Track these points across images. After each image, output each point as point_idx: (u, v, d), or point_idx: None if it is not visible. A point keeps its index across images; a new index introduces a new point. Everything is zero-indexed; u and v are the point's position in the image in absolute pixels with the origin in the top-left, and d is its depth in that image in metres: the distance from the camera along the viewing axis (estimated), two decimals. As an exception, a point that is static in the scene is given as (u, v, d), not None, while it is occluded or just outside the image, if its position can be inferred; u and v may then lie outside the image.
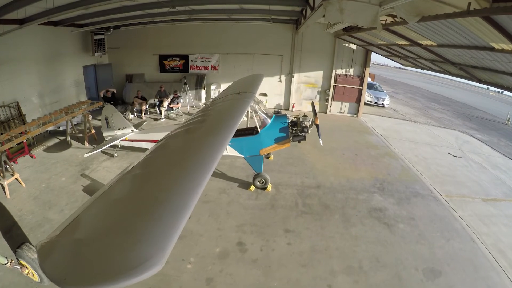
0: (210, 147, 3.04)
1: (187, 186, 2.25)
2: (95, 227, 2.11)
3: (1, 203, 5.86)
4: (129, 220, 2.01)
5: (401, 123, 13.45)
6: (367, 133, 11.05)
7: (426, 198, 6.64)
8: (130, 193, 2.46)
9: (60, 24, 9.10)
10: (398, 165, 8.33)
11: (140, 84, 13.44)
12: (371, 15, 4.26)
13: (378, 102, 16.14)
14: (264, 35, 12.08)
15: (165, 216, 1.94)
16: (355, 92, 12.33)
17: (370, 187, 6.91)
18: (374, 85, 17.63)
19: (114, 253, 1.72)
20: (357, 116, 12.75)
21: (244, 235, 5.06)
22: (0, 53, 7.54)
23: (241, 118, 4.86)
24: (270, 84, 12.71)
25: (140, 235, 1.80)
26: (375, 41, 8.40)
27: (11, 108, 8.03)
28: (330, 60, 12.02)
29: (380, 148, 9.60)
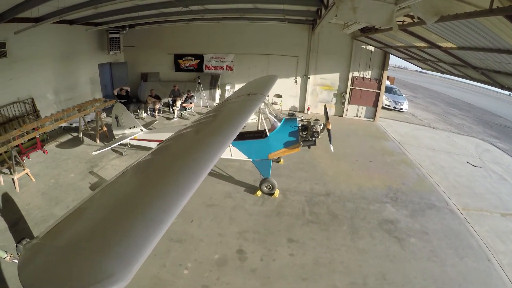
0: (202, 156, 2.99)
1: (167, 200, 2.19)
2: (69, 235, 2.07)
3: (10, 196, 6.13)
4: (100, 231, 1.98)
5: (419, 129, 13.03)
6: (383, 138, 10.73)
7: (441, 211, 6.32)
8: (111, 202, 2.40)
9: (76, 22, 9.46)
10: (413, 174, 8.00)
11: (155, 83, 13.72)
12: (386, 14, 4.08)
13: (397, 107, 15.79)
14: (279, 35, 12.02)
15: (137, 231, 1.89)
16: (372, 96, 12.04)
17: (382, 196, 6.65)
18: (392, 88, 17.29)
19: (80, 264, 1.69)
20: (374, 121, 12.42)
21: (245, 243, 4.99)
22: (16, 51, 7.92)
23: (245, 121, 4.82)
24: (285, 85, 12.61)
25: (107, 248, 1.76)
26: (393, 43, 8.11)
27: (26, 104, 8.41)
28: (347, 62, 11.78)
29: (396, 155, 9.28)
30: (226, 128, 4.03)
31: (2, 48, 7.40)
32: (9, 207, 5.84)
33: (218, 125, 4.49)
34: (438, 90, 34.14)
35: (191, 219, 5.59)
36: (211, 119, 5.04)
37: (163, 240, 4.94)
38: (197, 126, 4.55)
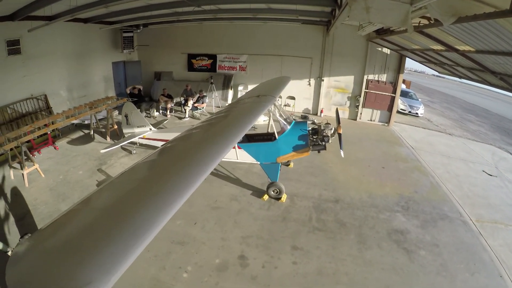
0: (199, 162, 2.89)
1: (156, 208, 2.13)
2: (57, 238, 2.05)
3: (19, 191, 6.30)
4: (86, 236, 1.94)
5: (434, 134, 12.60)
6: (397, 144, 10.43)
7: (454, 222, 6.03)
8: (102, 206, 2.36)
9: (90, 21, 9.70)
10: (427, 182, 7.71)
11: (168, 82, 13.89)
12: (401, 15, 3.92)
13: (412, 111, 15.45)
14: (293, 36, 11.92)
15: (122, 239, 1.83)
16: (387, 100, 11.77)
17: (393, 205, 6.42)
18: (408, 92, 16.98)
19: (60, 269, 1.66)
20: (388, 125, 12.13)
21: (248, 248, 4.90)
22: (30, 48, 8.18)
23: (251, 124, 4.74)
24: (298, 87, 12.49)
25: (89, 254, 1.72)
26: (409, 45, 7.85)
27: (39, 100, 8.67)
28: (362, 65, 11.56)
29: (409, 161, 8.99)
30: (229, 131, 3.97)
31: (16, 45, 7.66)
32: (17, 201, 6.00)
33: (222, 127, 4.43)
34: (455, 95, 33.25)
35: (195, 221, 5.57)
36: (217, 121, 4.99)
37: (165, 241, 5.02)
38: (202, 128, 4.51)
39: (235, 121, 4.60)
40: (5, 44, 7.40)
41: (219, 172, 7.46)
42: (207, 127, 4.58)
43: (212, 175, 7.29)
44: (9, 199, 6.03)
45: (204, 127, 4.55)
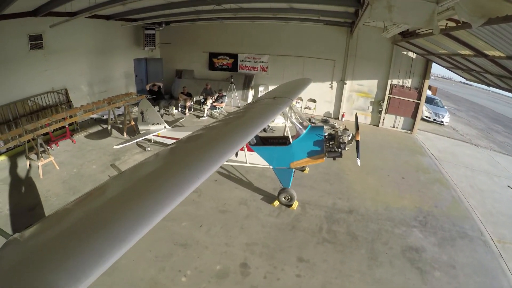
0: (198, 165, 2.82)
1: (138, 216, 2.05)
2: (40, 238, 2.01)
3: (33, 181, 6.55)
4: (63, 240, 1.89)
5: (459, 144, 11.90)
6: (419, 153, 9.91)
7: (474, 242, 5.56)
8: (88, 209, 2.30)
9: (112, 18, 10.00)
10: (448, 196, 7.22)
11: (188, 80, 14.09)
12: (426, 15, 3.64)
13: (437, 119, 14.80)
14: (316, 37, 11.66)
15: (98, 246, 1.77)
16: (412, 106, 11.27)
17: (410, 219, 6.03)
18: (434, 99, 16.38)
19: (31, 272, 1.61)
20: (412, 133, 11.59)
21: (251, 256, 4.77)
22: (52, 43, 8.53)
23: (261, 127, 4.63)
24: (320, 90, 12.21)
25: (61, 259, 1.67)
26: (435, 49, 7.38)
27: (59, 94, 9.03)
28: (386, 69, 11.08)
29: (431, 172, 8.48)
30: (234, 135, 3.85)
31: (38, 40, 8.03)
32: (30, 191, 6.23)
33: (229, 130, 4.30)
34: (483, 103, 31.43)
35: (200, 224, 5.51)
36: (226, 122, 4.90)
37: (168, 243, 4.98)
38: (209, 129, 4.42)
39: (243, 124, 4.47)
40: (28, 39, 7.78)
41: (231, 174, 7.39)
42: (215, 128, 4.50)
43: (223, 177, 7.24)
44: (23, 189, 6.29)
45: (212, 128, 4.47)
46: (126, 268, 4.46)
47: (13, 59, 7.52)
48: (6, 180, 6.55)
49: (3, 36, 7.17)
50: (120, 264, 4.50)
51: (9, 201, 5.86)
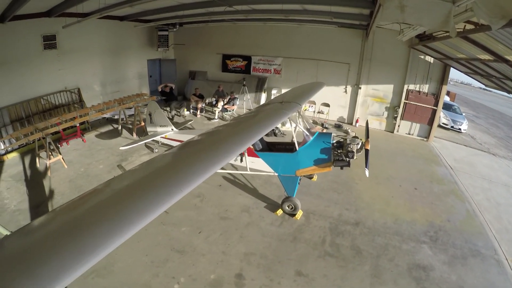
0: (185, 176, 2.76)
1: (111, 229, 2.01)
2: (27, 239, 2.04)
3: (41, 179, 6.75)
4: (39, 245, 1.89)
5: (477, 154, 11.30)
6: (435, 162, 9.46)
7: (486, 261, 5.20)
8: (72, 214, 2.31)
9: (126, 19, 10.22)
10: (462, 209, 6.83)
11: (201, 81, 14.20)
12: (442, 15, 3.40)
13: (455, 126, 14.22)
14: (330, 40, 11.43)
15: (70, 255, 1.76)
16: (428, 112, 10.83)
17: (420, 234, 5.72)
18: (452, 106, 15.81)
19: (3, 275, 1.62)
20: (428, 140, 11.13)
21: (248, 267, 4.67)
22: (66, 43, 8.80)
23: (263, 133, 4.55)
24: (334, 94, 11.97)
25: (32, 265, 1.66)
26: (453, 54, 6.99)
27: (72, 93, 9.30)
28: (403, 73, 10.69)
29: (446, 183, 8.06)
30: (231, 142, 3.78)
31: (52, 40, 8.31)
32: (38, 188, 6.42)
33: (228, 136, 4.25)
34: (503, 111, 29.82)
35: (200, 230, 5.48)
36: (227, 127, 4.85)
37: (165, 248, 4.97)
38: (208, 135, 4.38)
39: (243, 131, 4.36)
40: (42, 39, 8.06)
41: (236, 180, 7.33)
42: (214, 134, 4.45)
43: (228, 182, 7.19)
44: (31, 186, 6.48)
45: (211, 134, 4.42)
46: (122, 271, 4.49)
47: (27, 58, 7.81)
48: (16, 176, 6.78)
49: (18, 36, 7.46)
50: (116, 267, 4.55)
51: (16, 197, 6.07)
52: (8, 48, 7.24)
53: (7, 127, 7.38)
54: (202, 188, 6.88)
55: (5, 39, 7.08)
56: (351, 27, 10.43)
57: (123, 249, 4.91)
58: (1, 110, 7.27)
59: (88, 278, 4.37)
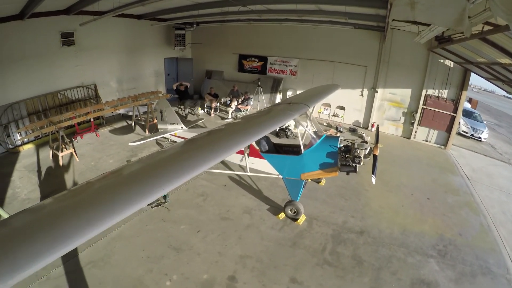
0: (172, 175, 2.78)
1: (69, 232, 2.00)
2: (8, 227, 2.12)
3: (53, 170, 7.02)
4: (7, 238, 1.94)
5: (496, 164, 10.62)
6: (451, 171, 8.96)
7: (497, 280, 4.82)
8: (58, 203, 2.41)
9: (143, 17, 10.47)
10: (476, 223, 6.39)
11: (217, 81, 14.33)
12: (455, 13, 3.16)
13: (475, 135, 13.51)
14: (347, 42, 11.15)
15: (23, 255, 1.77)
16: (447, 119, 10.32)
17: (428, 247, 5.40)
18: (473, 113, 15.12)
19: None
20: (445, 148, 10.59)
21: (242, 270, 4.60)
22: (84, 40, 9.14)
23: (262, 134, 4.49)
24: (350, 97, 11.68)
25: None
26: (473, 57, 6.54)
27: (89, 89, 9.63)
28: (421, 78, 10.23)
29: (461, 194, 7.61)
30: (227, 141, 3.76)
31: (70, 37, 8.66)
32: (48, 180, 6.69)
33: (225, 136, 4.22)
34: None
35: (199, 229, 5.48)
36: (227, 127, 4.81)
37: (162, 244, 5.00)
38: (207, 134, 4.37)
39: (241, 131, 4.33)
40: (60, 36, 8.42)
41: (242, 180, 7.29)
42: (212, 133, 4.44)
43: (234, 183, 7.17)
44: (41, 177, 6.76)
45: (210, 133, 4.42)
46: (117, 264, 4.59)
47: (45, 54, 8.19)
48: (30, 167, 7.09)
49: (37, 33, 7.85)
50: (112, 260, 4.67)
51: (28, 187, 6.34)
52: (27, 44, 7.63)
53: (24, 120, 7.77)
54: (207, 187, 6.91)
55: (25, 35, 7.48)
56: (368, 28, 10.13)
57: (122, 243, 5.05)
58: (19, 103, 7.67)
59: (86, 267, 4.52)
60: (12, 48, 7.48)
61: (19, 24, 7.28)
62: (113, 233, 5.26)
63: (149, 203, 5.98)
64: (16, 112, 7.59)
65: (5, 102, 7.40)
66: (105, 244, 4.98)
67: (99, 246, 4.94)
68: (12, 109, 7.49)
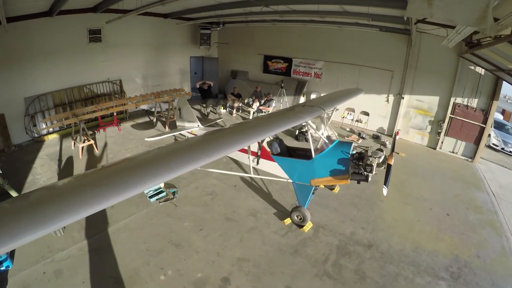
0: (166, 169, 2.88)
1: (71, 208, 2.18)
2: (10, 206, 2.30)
3: (72, 160, 7.41)
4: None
5: None
6: (476, 187, 8.21)
7: None
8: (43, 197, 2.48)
9: (169, 16, 10.78)
10: (497, 245, 5.77)
11: (242, 81, 14.42)
12: (478, 10, 2.88)
13: (506, 148, 12.36)
14: (373, 45, 10.70)
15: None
16: (475, 130, 9.54)
17: (441, 268, 4.97)
18: (505, 125, 14.00)
19: None
20: (473, 161, 9.75)
21: (237, 273, 4.54)
22: (110, 37, 9.58)
23: (264, 136, 4.43)
24: (375, 102, 11.20)
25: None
26: (505, 64, 5.92)
27: (114, 84, 10.07)
28: (450, 85, 9.52)
29: (484, 212, 6.93)
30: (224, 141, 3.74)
31: (97, 34, 9.11)
32: (67, 169, 7.06)
33: (229, 133, 4.21)
34: None
35: (201, 228, 5.50)
36: (234, 127, 4.77)
37: (164, 239, 5.09)
38: (212, 132, 4.37)
39: (244, 131, 4.29)
40: (87, 32, 8.90)
41: (253, 182, 7.23)
42: (217, 131, 4.44)
43: (244, 184, 7.13)
44: (61, 166, 7.15)
45: (215, 132, 4.43)
46: (118, 254, 4.74)
47: (73, 49, 8.71)
48: (52, 155, 7.54)
49: (66, 29, 8.38)
50: (115, 249, 4.84)
51: (47, 174, 6.73)
52: (56, 40, 8.17)
53: (50, 111, 8.30)
54: (217, 187, 6.94)
55: (54, 31, 8.01)
56: (395, 31, 9.65)
57: (126, 234, 5.20)
58: (46, 95, 8.21)
59: (88, 254, 4.70)
60: (42, 43, 8.02)
61: (48, 20, 7.78)
62: (120, 223, 5.44)
63: (158, 198, 6.22)
64: (43, 103, 8.14)
65: (34, 93, 7.99)
66: (110, 234, 5.17)
67: (104, 235, 5.14)
68: (39, 100, 8.06)
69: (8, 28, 6.84)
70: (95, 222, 5.37)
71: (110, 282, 4.23)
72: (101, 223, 5.40)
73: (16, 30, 7.35)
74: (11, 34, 7.24)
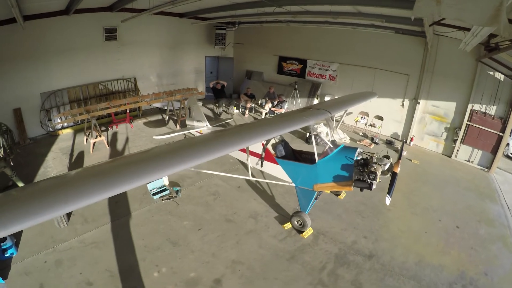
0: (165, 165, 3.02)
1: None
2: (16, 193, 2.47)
3: (83, 155, 7.66)
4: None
5: None
6: (490, 198, 7.75)
7: None
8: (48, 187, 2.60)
9: (185, 16, 10.95)
10: (507, 262, 5.41)
11: (257, 82, 14.40)
12: (490, 8, 2.70)
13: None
14: (388, 48, 10.36)
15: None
16: (493, 139, 9.04)
17: (444, 285, 4.72)
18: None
19: None
20: (489, 171, 9.21)
21: (230, 275, 4.54)
22: (125, 36, 9.84)
23: (262, 139, 4.41)
24: (389, 107, 10.86)
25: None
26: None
27: (129, 82, 10.33)
28: (467, 90, 9.05)
29: (496, 226, 6.52)
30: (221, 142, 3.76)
31: (113, 32, 9.39)
32: (77, 163, 7.32)
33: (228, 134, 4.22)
34: None
35: (200, 228, 5.55)
36: (238, 127, 4.77)
37: (162, 237, 5.18)
38: (212, 133, 4.41)
39: (248, 132, 4.29)
40: (103, 31, 9.19)
41: (257, 184, 7.21)
42: (217, 132, 4.48)
43: (248, 185, 7.12)
44: (72, 160, 7.41)
45: (217, 132, 4.47)
46: (116, 248, 4.88)
47: (89, 47, 9.04)
48: (64, 149, 7.84)
49: (82, 27, 8.69)
50: (113, 243, 4.96)
51: (58, 167, 7.01)
52: (73, 37, 8.50)
53: (65, 106, 8.66)
54: (220, 187, 6.97)
55: (71, 29, 8.34)
56: (411, 34, 9.31)
57: (126, 229, 5.32)
58: (62, 91, 8.56)
59: (88, 246, 4.88)
60: (59, 40, 8.35)
61: (65, 18, 8.11)
62: (122, 219, 5.58)
63: (161, 196, 6.33)
64: (59, 98, 8.50)
65: (50, 89, 8.36)
66: (111, 228, 5.32)
67: (106, 229, 5.29)
68: (55, 96, 8.42)
69: (25, 25, 7.14)
70: (98, 216, 5.55)
71: (106, 275, 4.35)
72: (104, 217, 5.56)
73: (34, 27, 7.68)
74: (28, 31, 7.56)
